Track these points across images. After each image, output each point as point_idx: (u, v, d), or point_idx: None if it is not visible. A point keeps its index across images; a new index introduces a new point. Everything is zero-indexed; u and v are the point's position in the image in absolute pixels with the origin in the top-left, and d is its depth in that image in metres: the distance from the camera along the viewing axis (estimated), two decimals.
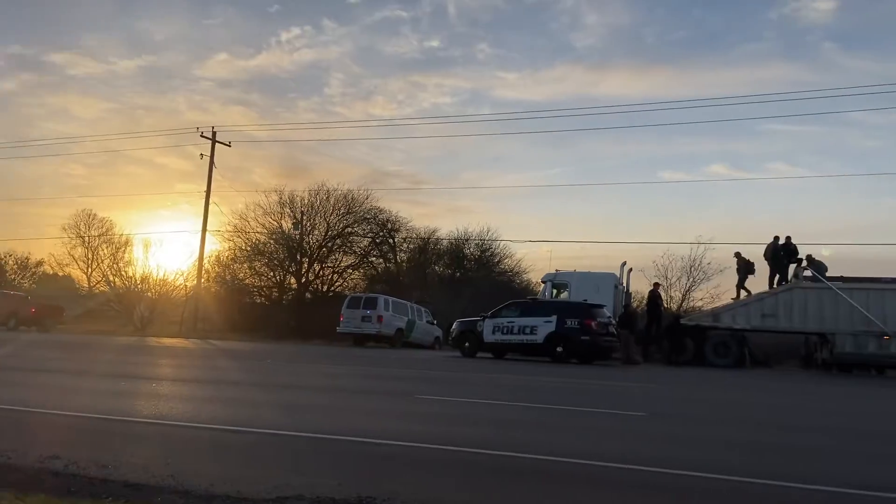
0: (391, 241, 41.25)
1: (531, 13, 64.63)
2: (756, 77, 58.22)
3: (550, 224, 63.44)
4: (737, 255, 24.15)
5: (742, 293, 23.42)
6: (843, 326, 20.83)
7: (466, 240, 41.62)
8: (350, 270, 39.89)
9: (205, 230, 35.52)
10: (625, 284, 25.09)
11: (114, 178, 67.49)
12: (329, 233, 38.43)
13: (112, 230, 47.28)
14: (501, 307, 20.98)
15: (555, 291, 24.94)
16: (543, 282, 25.96)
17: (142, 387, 9.54)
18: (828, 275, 21.69)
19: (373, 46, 67.39)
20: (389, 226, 40.59)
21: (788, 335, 23.68)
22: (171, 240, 52.00)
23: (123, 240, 44.47)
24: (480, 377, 13.75)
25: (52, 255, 50.86)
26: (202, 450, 5.51)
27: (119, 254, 44.31)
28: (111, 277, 43.23)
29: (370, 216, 39.64)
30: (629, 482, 4.73)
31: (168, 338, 28.52)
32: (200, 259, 35.78)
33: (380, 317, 26.28)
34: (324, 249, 38.43)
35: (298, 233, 37.54)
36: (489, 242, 41.38)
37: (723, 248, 40.85)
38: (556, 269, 26.17)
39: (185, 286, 38.78)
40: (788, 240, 22.72)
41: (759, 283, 23.35)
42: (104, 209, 63.52)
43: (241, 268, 39.08)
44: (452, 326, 22.12)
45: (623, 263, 25.39)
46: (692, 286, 33.48)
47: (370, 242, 40.37)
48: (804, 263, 22.32)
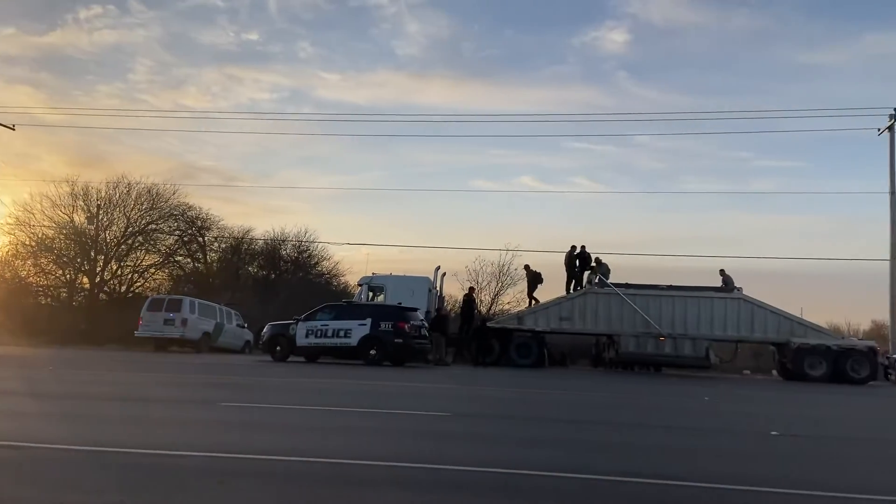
0: (200, 240, 39.18)
1: (354, 16, 64.62)
2: (561, 97, 62.82)
3: (369, 227, 63.59)
4: (526, 268, 26.55)
5: (532, 301, 25.42)
6: (627, 328, 23.11)
7: (283, 240, 40.59)
8: (153, 270, 37.30)
9: None
10: (438, 288, 25.90)
11: None
12: (129, 229, 35.66)
13: None
14: (316, 310, 20.74)
15: (371, 294, 25.15)
16: (360, 285, 26.07)
17: None
18: (615, 282, 23.92)
19: (185, 34, 63.51)
20: (199, 223, 38.57)
21: (582, 336, 25.87)
22: None
23: None
24: (290, 382, 13.48)
25: None
26: None
27: None
28: None
29: (178, 212, 37.41)
30: (433, 482, 4.88)
31: None
32: None
33: (184, 320, 24.78)
34: (123, 247, 35.59)
35: (93, 228, 34.40)
36: (306, 244, 40.71)
37: (529, 255, 43.59)
38: (373, 273, 26.38)
39: None
40: (583, 249, 24.80)
41: (553, 291, 25.38)
42: None
43: (24, 265, 35.05)
44: (263, 330, 21.49)
45: (437, 268, 26.21)
46: (501, 290, 35.36)
47: (177, 240, 38.03)
48: (593, 263, 24.48)
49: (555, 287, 26.49)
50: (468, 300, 25.20)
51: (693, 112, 68.21)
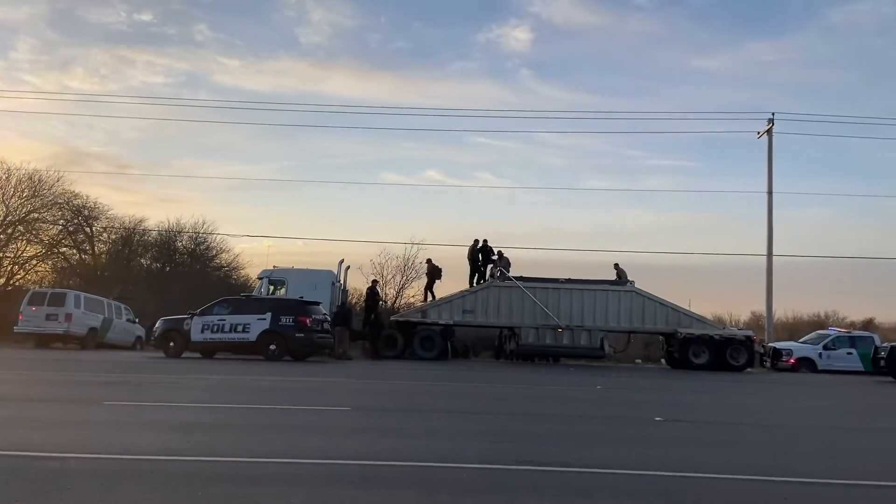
0: (88, 230, 37.02)
1: (255, 0, 62.70)
2: (467, 93, 63.44)
3: (271, 219, 62.13)
4: (428, 262, 26.69)
5: (429, 296, 25.67)
6: (528, 321, 23.73)
7: (179, 232, 38.85)
8: (35, 262, 34.94)
9: None
10: (342, 282, 25.65)
11: None
12: (9, 218, 33.24)
13: None
14: (212, 304, 20.06)
15: (272, 288, 24.58)
16: (260, 278, 25.42)
17: None
18: (516, 275, 24.47)
19: (72, 11, 59.60)
20: (86, 213, 36.37)
21: (486, 329, 26.33)
22: None
23: None
24: (182, 379, 13.00)
25: None
26: None
27: None
28: None
29: (62, 201, 35.10)
30: (328, 477, 4.85)
31: None
32: None
33: (68, 314, 23.40)
34: (2, 237, 33.13)
35: None
36: (204, 235, 39.16)
37: (434, 249, 43.90)
38: (274, 266, 25.81)
39: None
40: (486, 242, 25.24)
41: (459, 285, 25.72)
42: None
43: None
44: (156, 325, 20.60)
45: (341, 261, 25.93)
46: (406, 283, 35.40)
47: (61, 230, 35.76)
48: (494, 256, 24.95)
49: (460, 281, 26.81)
50: (372, 293, 25.10)
51: (592, 111, 70.64)
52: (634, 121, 54.48)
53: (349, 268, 26.53)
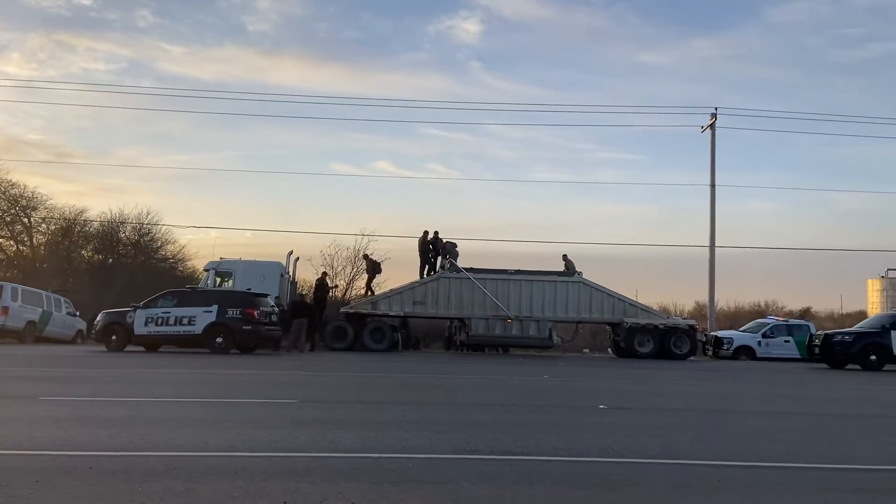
0: (26, 221, 35.71)
1: None
2: (416, 84, 63.42)
3: (218, 209, 61.03)
4: (365, 257, 26.74)
5: (369, 292, 25.74)
6: (478, 312, 23.90)
7: (122, 222, 37.79)
8: None
9: None
10: (291, 273, 25.36)
11: None
12: None
13: None
14: (157, 296, 19.64)
15: (218, 280, 24.17)
16: (206, 270, 24.96)
17: None
18: (467, 266, 24.59)
19: None
20: (24, 202, 35.13)
21: (436, 320, 26.41)
22: None
23: None
24: (123, 373, 12.69)
25: None
26: None
27: None
28: None
29: None
30: (271, 470, 4.80)
31: None
32: None
33: (5, 308, 22.57)
34: None
35: None
36: (148, 226, 38.20)
37: (385, 240, 43.77)
38: (221, 257, 25.37)
39: None
40: (436, 234, 25.27)
41: (409, 276, 25.69)
42: None
43: None
44: (97, 318, 20.04)
45: (290, 252, 25.63)
46: (356, 275, 35.18)
47: None
48: (439, 245, 25.02)
49: (410, 272, 26.83)
50: (321, 284, 24.90)
51: (541, 104, 71.30)
52: (583, 114, 55.23)
53: (298, 259, 26.29)
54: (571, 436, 6.61)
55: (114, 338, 19.17)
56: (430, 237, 25.20)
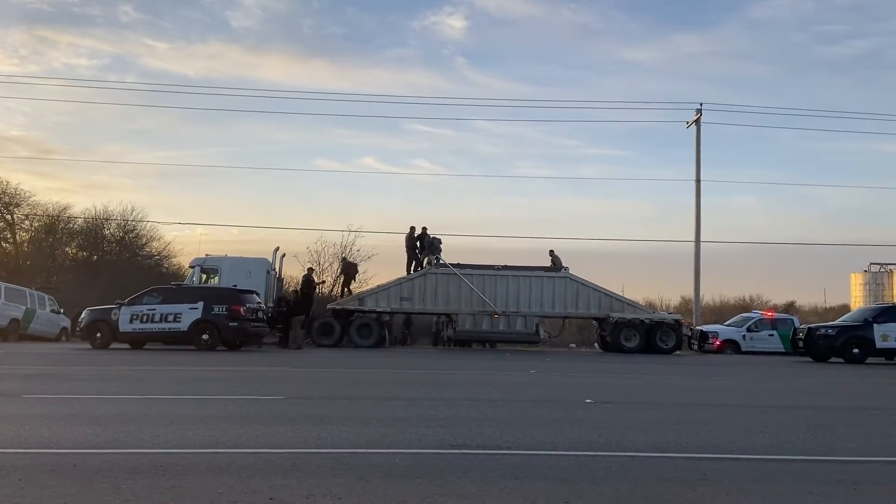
0: (9, 218, 35.34)
1: None
2: (402, 80, 63.28)
3: (204, 206, 60.63)
4: (343, 260, 26.94)
5: (345, 293, 25.78)
6: (464, 307, 23.93)
7: (106, 219, 37.50)
8: None
9: None
10: (277, 270, 25.25)
11: None
12: None
13: None
14: (142, 293, 19.50)
15: (204, 277, 23.99)
16: (192, 267, 24.77)
17: None
18: (453, 262, 24.59)
19: None
20: (6, 199, 34.82)
21: (423, 316, 26.42)
22: None
23: None
24: (108, 371, 12.61)
25: None
26: None
27: None
28: None
29: None
30: (262, 466, 4.79)
31: None
32: None
33: None
34: None
35: None
36: (133, 223, 37.91)
37: (371, 236, 43.66)
38: (207, 254, 25.17)
39: None
40: (424, 230, 25.24)
41: (396, 272, 25.69)
42: None
43: None
44: (81, 316, 19.87)
45: (276, 249, 25.49)
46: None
47: None
48: (423, 236, 25.01)
49: (398, 268, 26.80)
50: (308, 281, 24.82)
51: (527, 100, 71.40)
52: (569, 110, 55.38)
53: (284, 255, 26.17)
54: (558, 430, 6.64)
55: (98, 335, 19.01)
56: (418, 233, 25.17)
